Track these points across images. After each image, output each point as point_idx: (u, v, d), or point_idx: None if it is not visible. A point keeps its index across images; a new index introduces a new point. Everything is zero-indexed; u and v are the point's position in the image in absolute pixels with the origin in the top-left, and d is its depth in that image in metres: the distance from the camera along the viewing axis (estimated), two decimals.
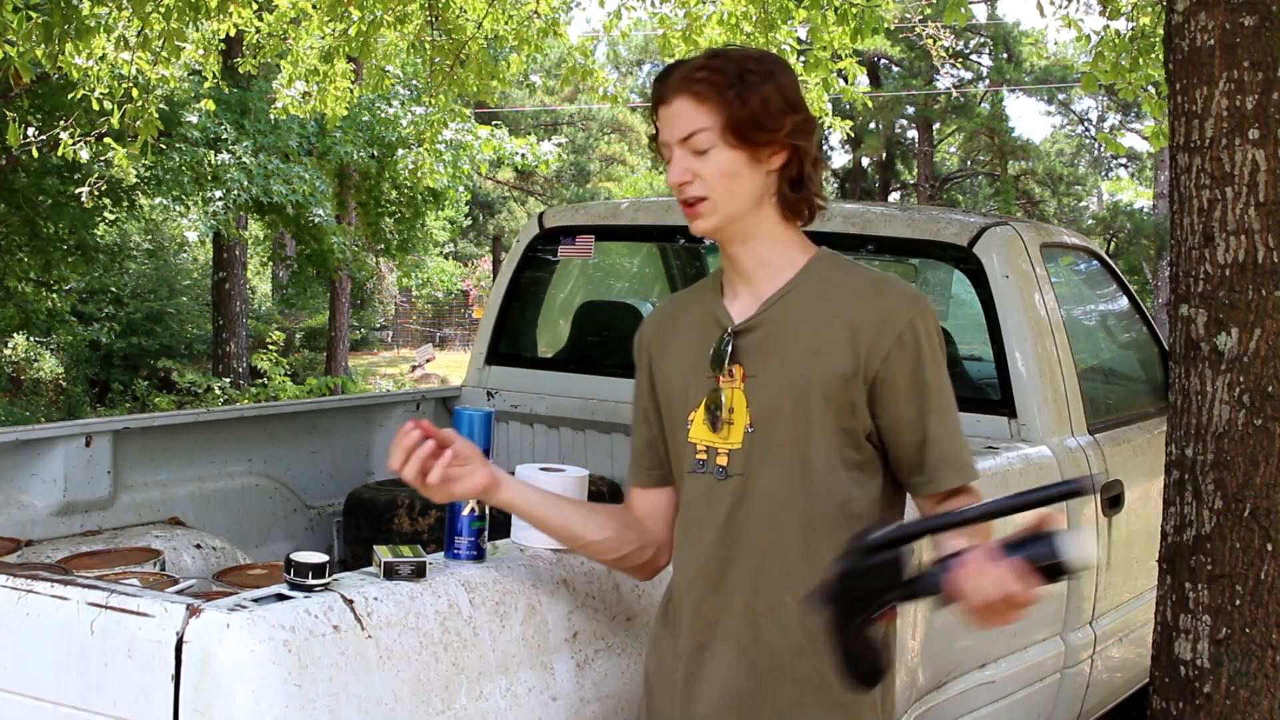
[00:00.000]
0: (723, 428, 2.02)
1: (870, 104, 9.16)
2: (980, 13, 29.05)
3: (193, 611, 1.80)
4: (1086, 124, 32.55)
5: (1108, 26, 6.65)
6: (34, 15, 6.05)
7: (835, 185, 34.80)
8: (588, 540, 2.12)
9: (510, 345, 4.53)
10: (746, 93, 1.94)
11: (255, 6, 7.64)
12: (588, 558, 2.21)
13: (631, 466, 2.22)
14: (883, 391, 1.99)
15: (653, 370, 2.15)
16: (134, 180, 12.56)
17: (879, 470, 2.05)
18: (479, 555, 2.15)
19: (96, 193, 11.01)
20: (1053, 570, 1.69)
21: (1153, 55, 6.42)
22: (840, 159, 36.37)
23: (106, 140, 7.95)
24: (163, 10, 6.33)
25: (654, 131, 2.04)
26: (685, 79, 1.96)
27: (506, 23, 8.19)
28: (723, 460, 2.03)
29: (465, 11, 7.97)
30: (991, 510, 1.75)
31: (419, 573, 2.02)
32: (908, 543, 1.78)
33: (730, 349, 2.03)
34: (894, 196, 33.51)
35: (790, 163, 2.00)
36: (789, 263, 2.06)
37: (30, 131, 8.05)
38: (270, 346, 16.95)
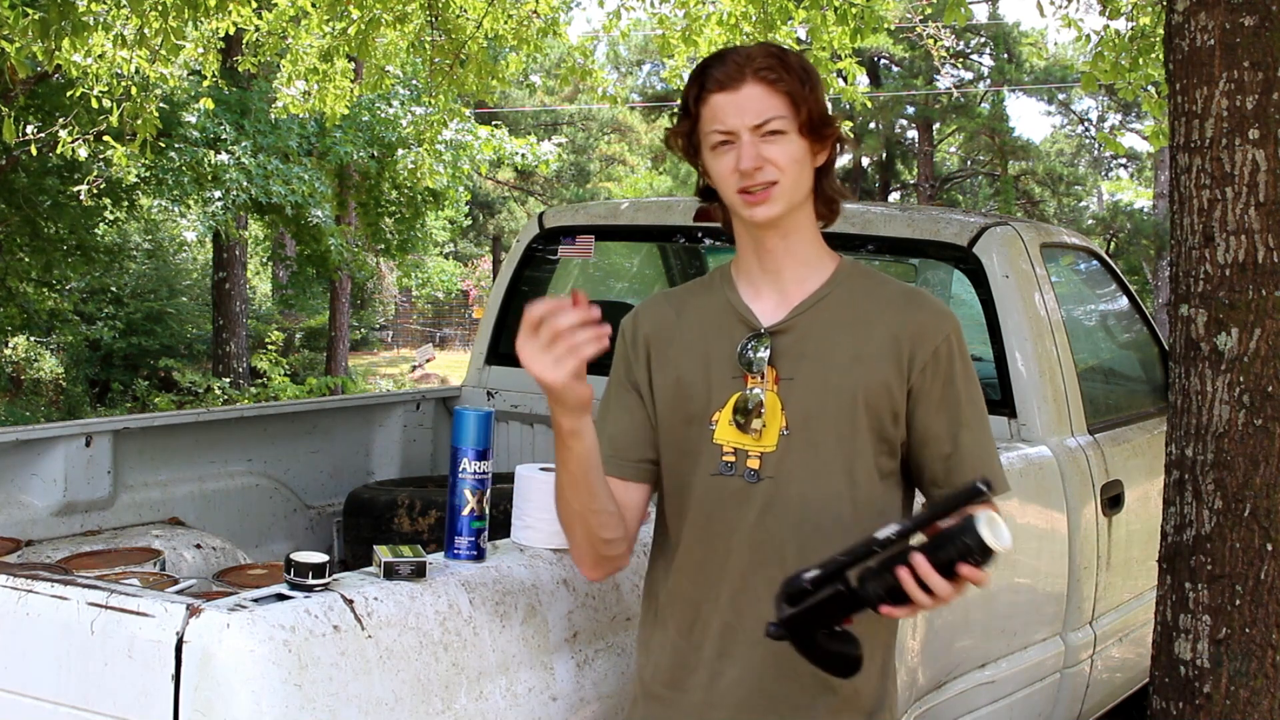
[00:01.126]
0: (756, 431, 1.99)
1: (870, 104, 9.15)
2: (980, 13, 29.06)
3: (193, 611, 1.80)
4: (1086, 124, 32.56)
5: (1108, 26, 6.66)
6: (30, 11, 6.05)
7: None
8: (599, 507, 1.97)
9: (510, 345, 4.50)
10: (813, 86, 1.98)
11: (254, 5, 7.64)
12: (580, 530, 2.00)
13: (608, 456, 2.01)
14: (916, 404, 2.01)
15: (651, 362, 2.10)
16: (134, 180, 12.57)
17: (901, 480, 2.07)
18: (479, 555, 2.15)
19: (95, 191, 11.00)
20: (977, 559, 1.74)
21: (1153, 55, 6.42)
22: (840, 159, 36.31)
23: (105, 139, 7.95)
24: (160, 8, 6.32)
25: (684, 122, 2.01)
26: (753, 69, 1.95)
27: (506, 22, 8.19)
28: (754, 463, 1.99)
29: (465, 11, 7.97)
30: (907, 529, 1.78)
31: (419, 573, 2.02)
32: (835, 578, 1.79)
33: (766, 350, 2.00)
34: (894, 196, 33.51)
35: (828, 162, 2.04)
36: (820, 264, 2.06)
37: (29, 130, 8.04)
38: (270, 346, 16.94)
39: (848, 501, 1.98)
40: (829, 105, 2.03)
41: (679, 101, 2.06)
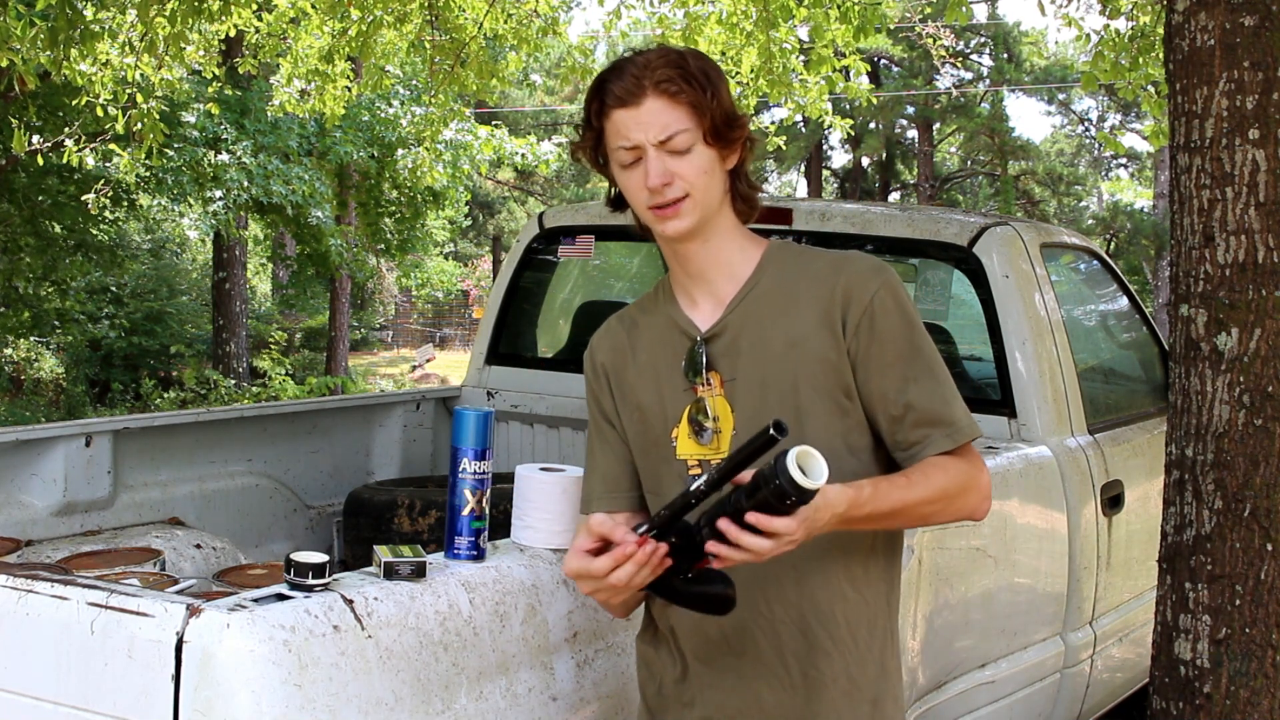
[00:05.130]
0: (711, 438, 1.99)
1: (874, 101, 9.12)
2: (980, 13, 29.06)
3: (193, 611, 1.80)
4: (1086, 124, 32.55)
5: (1108, 26, 6.65)
6: (38, 21, 6.05)
7: (835, 185, 34.79)
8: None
9: (510, 345, 4.53)
10: (715, 92, 1.94)
11: (255, 6, 7.65)
12: (620, 607, 2.05)
13: (601, 494, 2.10)
14: (858, 368, 1.96)
15: (614, 392, 2.10)
16: (134, 181, 12.56)
17: (883, 450, 2.02)
18: (479, 555, 2.15)
19: (103, 200, 11.00)
20: (793, 501, 1.71)
21: (1153, 54, 6.42)
22: (840, 159, 36.38)
23: (111, 145, 7.95)
24: (166, 14, 6.32)
25: (588, 135, 1.98)
26: (652, 82, 1.91)
27: (506, 22, 8.19)
28: None
29: (465, 11, 7.97)
30: (714, 479, 1.76)
31: (419, 573, 2.02)
32: (666, 531, 1.81)
33: (704, 356, 2.00)
34: (894, 196, 33.51)
35: (741, 161, 2.01)
36: (745, 259, 2.04)
37: (35, 139, 8.03)
38: (273, 346, 16.95)
39: None
40: (735, 106, 2.00)
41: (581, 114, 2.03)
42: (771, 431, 1.69)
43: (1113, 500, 3.74)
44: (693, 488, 1.78)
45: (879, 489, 1.87)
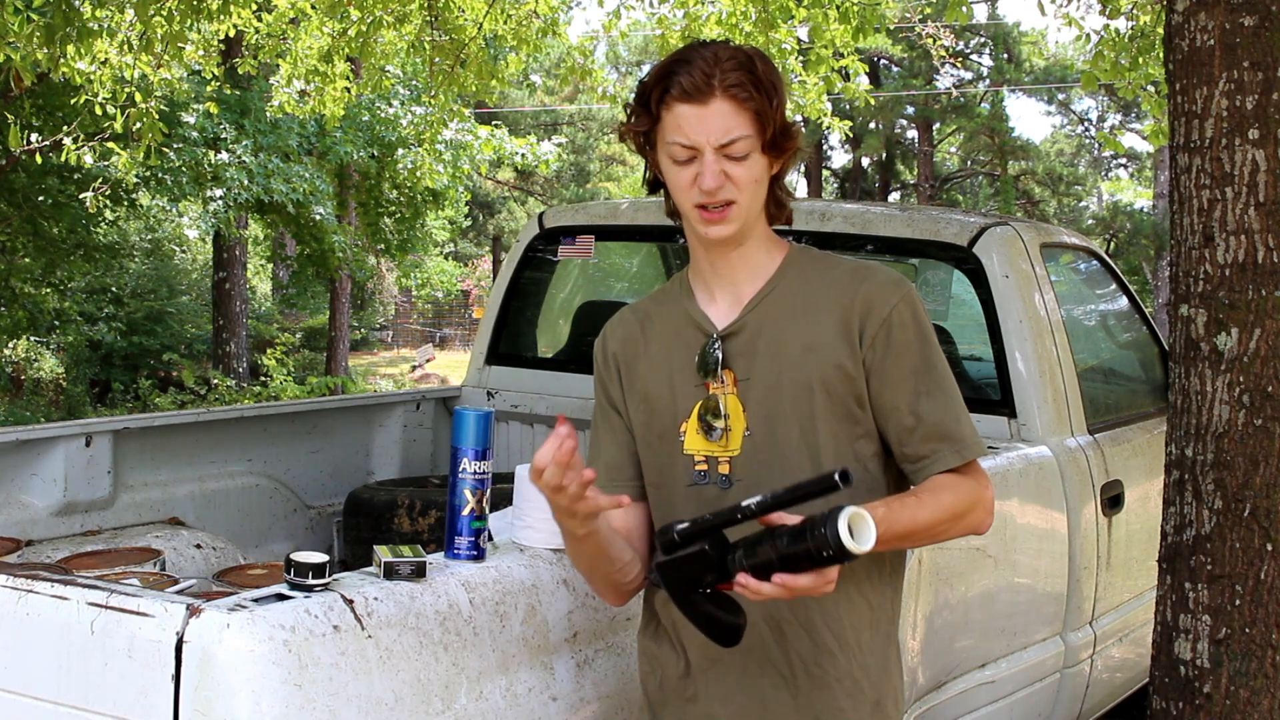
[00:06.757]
0: (721, 435, 1.99)
1: (872, 102, 9.11)
2: (980, 13, 29.07)
3: (193, 611, 1.80)
4: (1086, 124, 32.56)
5: (1108, 25, 6.66)
6: (35, 18, 6.05)
7: (835, 185, 34.79)
8: (624, 563, 2.04)
9: (510, 345, 4.53)
10: (778, 102, 1.94)
11: (254, 6, 7.65)
12: (600, 580, 2.08)
13: (604, 481, 2.06)
14: (871, 379, 1.97)
15: (623, 381, 2.10)
16: (134, 181, 12.57)
17: (890, 460, 2.03)
18: (479, 555, 2.15)
19: (101, 199, 10.99)
20: (833, 556, 1.70)
21: (1153, 54, 6.42)
22: (840, 159, 36.39)
23: (110, 145, 7.95)
24: (165, 13, 6.32)
25: (644, 120, 1.96)
26: (723, 85, 1.89)
27: (506, 22, 8.20)
28: (725, 469, 1.99)
29: (465, 11, 7.97)
30: (768, 503, 1.75)
31: (419, 573, 2.02)
32: (703, 536, 1.79)
33: (720, 354, 2.00)
34: (894, 196, 33.51)
35: (784, 168, 2.02)
36: (769, 261, 2.04)
37: (34, 138, 8.03)
38: (279, 345, 16.97)
39: None
40: (795, 114, 2.01)
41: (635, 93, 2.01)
42: (836, 479, 1.68)
43: (1113, 500, 3.74)
44: (745, 503, 1.76)
45: (892, 509, 1.86)
